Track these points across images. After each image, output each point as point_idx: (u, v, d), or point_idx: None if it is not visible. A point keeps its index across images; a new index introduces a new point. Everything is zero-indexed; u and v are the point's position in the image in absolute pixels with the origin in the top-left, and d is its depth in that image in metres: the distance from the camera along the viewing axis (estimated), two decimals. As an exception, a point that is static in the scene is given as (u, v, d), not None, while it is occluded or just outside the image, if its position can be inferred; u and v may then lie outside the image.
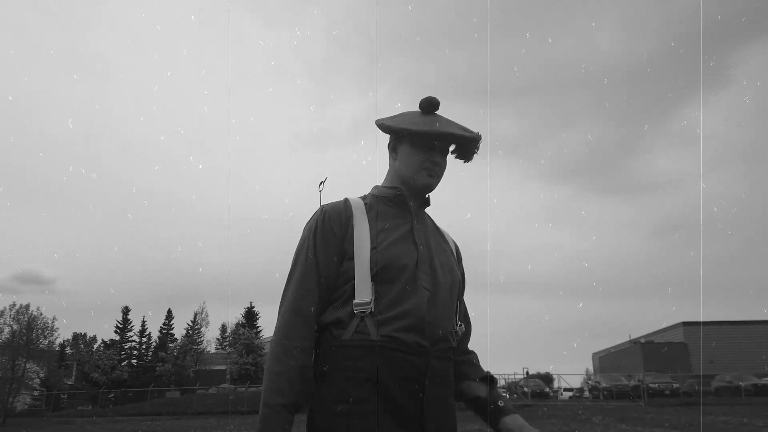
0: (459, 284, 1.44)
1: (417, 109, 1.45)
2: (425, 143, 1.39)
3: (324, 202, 1.42)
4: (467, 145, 1.43)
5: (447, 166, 1.45)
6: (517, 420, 1.32)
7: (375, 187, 1.48)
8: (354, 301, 1.26)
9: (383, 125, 1.43)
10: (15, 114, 72.75)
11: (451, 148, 1.45)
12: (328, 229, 1.32)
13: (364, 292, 1.26)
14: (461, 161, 1.47)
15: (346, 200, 1.40)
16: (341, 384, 1.22)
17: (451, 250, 1.48)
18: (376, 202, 1.41)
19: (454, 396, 1.38)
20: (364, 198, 1.43)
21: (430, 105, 1.42)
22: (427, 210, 1.49)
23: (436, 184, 1.43)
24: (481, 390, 1.41)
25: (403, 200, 1.41)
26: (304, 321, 1.26)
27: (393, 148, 1.46)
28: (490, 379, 1.43)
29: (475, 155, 1.45)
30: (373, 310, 1.25)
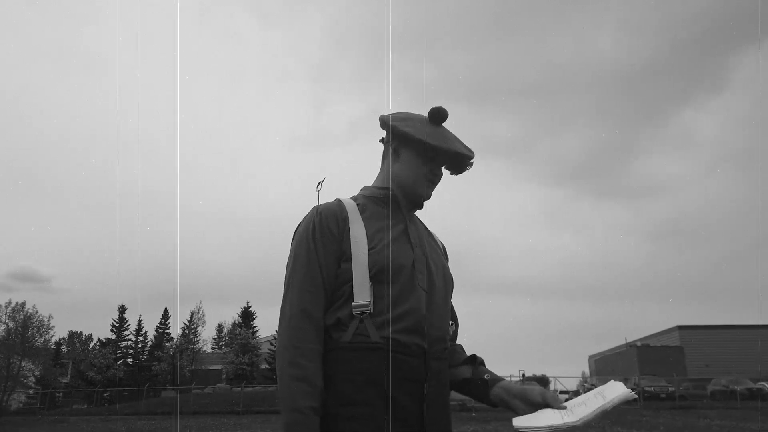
0: (451, 284, 1.44)
1: (422, 113, 1.43)
2: (433, 156, 1.38)
3: (322, 203, 1.40)
4: (463, 162, 1.44)
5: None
6: (506, 384, 1.29)
7: (365, 187, 1.47)
8: (353, 303, 1.24)
9: (396, 129, 1.38)
10: (11, 112, 72.62)
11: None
12: (326, 229, 1.30)
13: (362, 294, 1.24)
14: (448, 172, 1.47)
15: (339, 201, 1.38)
16: (343, 387, 1.20)
17: (441, 251, 1.48)
18: (368, 202, 1.40)
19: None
20: (355, 199, 1.42)
21: (439, 116, 1.40)
22: (422, 211, 1.48)
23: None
24: (466, 371, 1.39)
25: (395, 201, 1.40)
26: (312, 323, 1.24)
27: (395, 150, 1.43)
28: (474, 359, 1.41)
29: (466, 171, 1.46)
30: (372, 311, 1.24)
